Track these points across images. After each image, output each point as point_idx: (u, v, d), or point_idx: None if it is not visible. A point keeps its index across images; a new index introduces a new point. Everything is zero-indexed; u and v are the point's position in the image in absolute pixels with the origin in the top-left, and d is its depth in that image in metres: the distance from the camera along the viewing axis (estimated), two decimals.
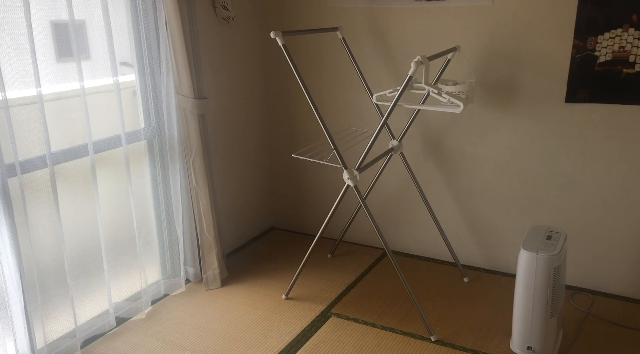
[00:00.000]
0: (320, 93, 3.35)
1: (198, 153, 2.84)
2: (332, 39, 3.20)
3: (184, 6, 2.61)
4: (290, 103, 3.52)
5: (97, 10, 2.38)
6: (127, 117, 2.61)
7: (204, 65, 2.96)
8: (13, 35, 2.09)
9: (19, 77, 2.11)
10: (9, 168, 2.07)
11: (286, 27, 3.35)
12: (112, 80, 2.50)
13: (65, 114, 2.37)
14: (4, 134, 2.04)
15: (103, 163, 2.56)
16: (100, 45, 2.45)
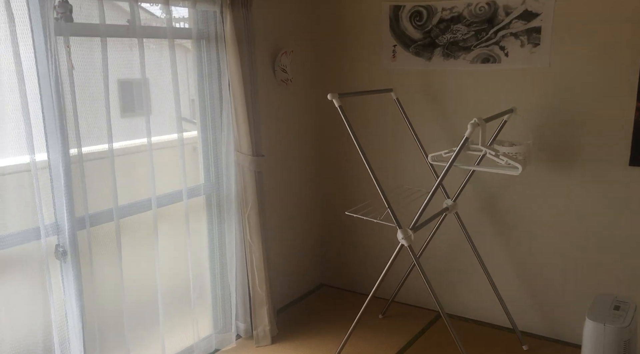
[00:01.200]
0: (374, 151, 3.39)
1: (253, 209, 2.91)
2: (386, 99, 3.27)
3: (246, 69, 2.75)
4: (343, 161, 3.58)
5: (166, 70, 2.54)
6: (188, 173, 2.72)
7: (262, 123, 3.08)
8: (90, 93, 2.26)
9: (92, 132, 2.26)
10: (79, 221, 2.18)
11: (341, 89, 3.46)
12: (173, 136, 2.63)
13: (129, 168, 2.50)
14: (78, 188, 2.17)
15: (164, 217, 2.65)
16: (163, 101, 2.59)
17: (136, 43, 2.36)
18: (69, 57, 2.09)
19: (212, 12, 2.71)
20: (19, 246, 2.04)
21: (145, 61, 2.38)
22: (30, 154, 1.99)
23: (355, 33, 3.35)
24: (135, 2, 2.33)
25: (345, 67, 3.44)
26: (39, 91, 2.10)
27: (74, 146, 2.15)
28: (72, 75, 2.12)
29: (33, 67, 2.07)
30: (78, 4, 2.10)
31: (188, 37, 2.72)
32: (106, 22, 2.20)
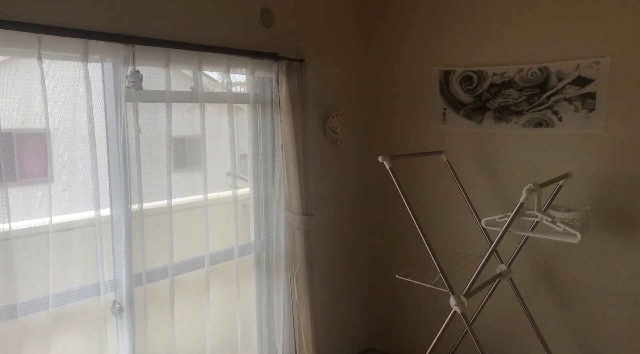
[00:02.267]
0: (424, 213, 3.36)
1: (302, 268, 2.91)
2: (436, 161, 3.27)
3: (298, 130, 2.84)
4: (392, 222, 3.57)
5: (223, 130, 2.66)
6: (239, 230, 2.77)
7: (312, 183, 3.13)
8: (152, 153, 2.38)
9: (152, 189, 2.36)
10: (136, 278, 2.25)
11: (391, 150, 3.50)
12: (225, 193, 2.71)
13: (185, 225, 2.57)
14: (137, 244, 2.25)
15: (215, 274, 2.69)
16: (216, 159, 2.68)
17: (197, 107, 2.49)
18: (136, 122, 2.23)
19: (268, 78, 2.84)
20: (78, 302, 2.11)
21: (206, 123, 2.50)
22: (96, 210, 2.10)
23: (405, 96, 3.42)
24: (199, 69, 2.48)
25: (394, 129, 3.50)
26: (107, 151, 2.24)
27: (135, 202, 2.26)
28: (139, 138, 2.25)
29: (103, 131, 2.22)
30: (148, 73, 2.25)
31: (245, 102, 2.85)
32: (172, 89, 2.35)
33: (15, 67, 1.91)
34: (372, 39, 3.54)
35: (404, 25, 3.38)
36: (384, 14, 3.47)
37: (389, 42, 3.46)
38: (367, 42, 3.55)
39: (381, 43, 3.50)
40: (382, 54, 3.50)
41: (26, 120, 1.97)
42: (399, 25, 3.41)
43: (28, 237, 1.99)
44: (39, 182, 2.15)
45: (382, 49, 3.50)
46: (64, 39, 1.95)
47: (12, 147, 1.94)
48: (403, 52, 3.40)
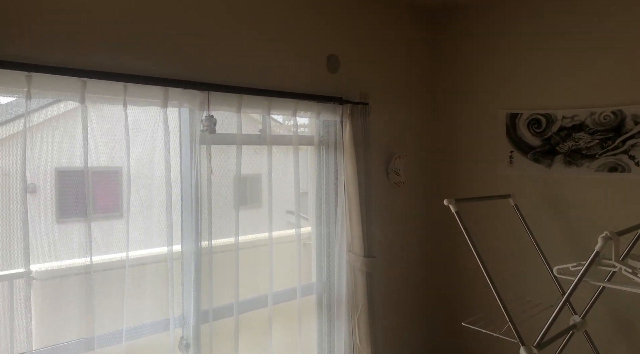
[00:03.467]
0: (490, 259, 3.26)
1: (364, 311, 2.88)
2: (503, 205, 3.19)
3: (361, 172, 2.87)
4: (457, 267, 3.48)
5: (288, 171, 2.72)
6: (301, 270, 2.79)
7: (374, 224, 3.12)
8: (222, 192, 2.47)
9: (220, 226, 2.44)
10: (203, 315, 2.30)
11: (455, 193, 3.45)
12: (286, 232, 2.75)
13: (249, 263, 2.62)
14: (205, 280, 2.31)
15: (278, 314, 2.71)
16: (278, 199, 2.70)
17: (264, 148, 2.58)
18: (209, 163, 2.34)
19: (332, 121, 2.91)
20: (148, 337, 2.18)
21: (273, 164, 2.58)
22: (169, 246, 2.20)
23: (469, 138, 3.39)
24: (267, 113, 2.58)
25: (459, 171, 3.45)
26: (180, 190, 2.35)
27: (205, 239, 2.34)
28: (210, 179, 2.35)
29: (178, 171, 2.34)
30: (220, 117, 2.37)
31: (310, 144, 2.92)
32: (242, 132, 2.45)
33: (103, 112, 2.07)
34: (436, 82, 3.56)
35: (469, 68, 3.39)
36: (449, 57, 3.49)
37: (454, 84, 3.47)
38: (432, 85, 3.58)
39: (446, 85, 3.51)
40: (447, 96, 3.51)
41: (110, 160, 2.12)
42: (464, 68, 3.42)
43: (106, 271, 2.10)
44: (115, 218, 2.29)
45: (447, 91, 3.51)
46: (146, 87, 2.10)
47: (97, 185, 2.08)
48: (468, 94, 3.39)
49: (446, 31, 3.50)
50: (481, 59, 3.32)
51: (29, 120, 1.80)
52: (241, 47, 2.51)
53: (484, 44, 3.30)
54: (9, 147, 1.86)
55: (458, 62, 3.44)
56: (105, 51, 2.04)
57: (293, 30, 2.74)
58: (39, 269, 2.02)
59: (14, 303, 2.23)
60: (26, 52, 1.83)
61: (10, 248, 1.93)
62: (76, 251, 2.03)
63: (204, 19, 2.36)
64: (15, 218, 1.87)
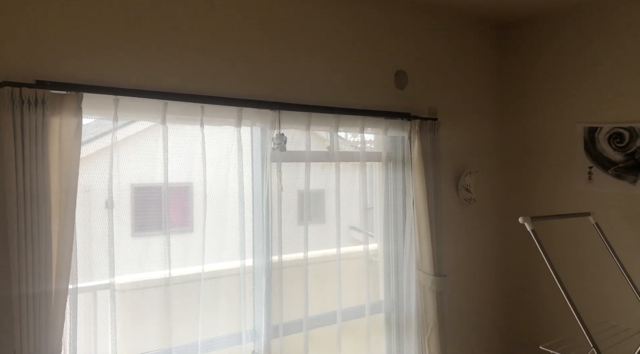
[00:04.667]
0: (571, 279, 3.08)
1: (434, 332, 2.81)
2: (582, 224, 3.02)
3: (430, 188, 2.82)
4: (534, 287, 3.32)
5: (355, 185, 2.73)
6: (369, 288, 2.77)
7: (444, 242, 3.05)
8: (291, 208, 2.51)
9: (289, 242, 2.48)
10: (274, 329, 2.34)
11: (529, 211, 3.31)
12: (353, 248, 2.74)
13: (317, 279, 2.63)
14: (276, 295, 2.34)
15: (346, 331, 2.70)
16: (344, 214, 2.69)
17: (332, 165, 2.61)
18: (279, 180, 2.39)
19: (400, 137, 2.89)
20: (221, 350, 2.24)
21: (340, 180, 2.60)
22: (241, 260, 2.26)
23: (544, 153, 3.26)
24: (335, 131, 2.61)
25: (534, 187, 3.32)
26: (252, 206, 2.42)
27: (275, 254, 2.38)
28: (280, 195, 2.40)
29: (250, 188, 2.41)
30: (290, 135, 2.43)
31: (378, 160, 2.91)
32: (311, 149, 2.49)
33: (181, 132, 2.17)
34: (507, 96, 3.46)
35: (542, 81, 3.27)
36: (520, 71, 3.39)
37: (527, 98, 3.36)
38: (502, 99, 3.48)
39: (517, 99, 3.41)
40: (520, 110, 3.40)
41: (189, 177, 2.22)
42: (537, 81, 3.30)
43: (183, 284, 2.19)
44: (186, 232, 2.38)
45: (520, 105, 3.40)
46: (222, 107, 2.19)
47: (171, 201, 2.17)
48: (543, 108, 3.27)
49: (516, 44, 3.41)
50: (555, 71, 3.19)
51: (115, 140, 1.92)
52: (310, 66, 2.56)
53: (557, 55, 3.18)
54: (90, 165, 1.98)
55: (530, 76, 3.33)
56: (185, 74, 2.15)
57: (361, 48, 2.77)
58: (119, 281, 2.13)
59: (97, 313, 2.36)
60: (113, 76, 1.96)
61: (91, 261, 2.05)
62: (152, 264, 2.13)
63: (275, 41, 2.44)
64: (96, 232, 1.99)
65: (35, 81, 1.76)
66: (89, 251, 2.04)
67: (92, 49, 1.93)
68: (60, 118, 1.75)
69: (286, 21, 2.48)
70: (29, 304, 1.65)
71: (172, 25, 2.12)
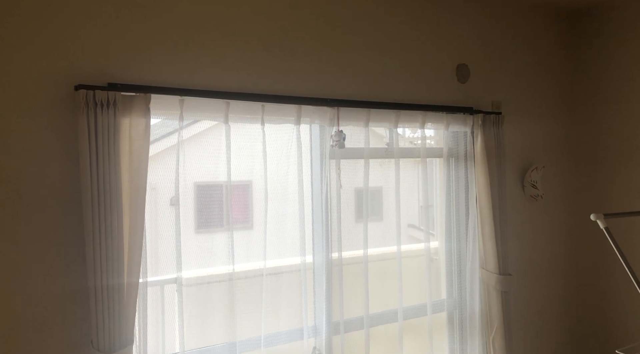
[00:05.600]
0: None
1: (499, 332, 2.72)
2: None
3: (494, 185, 2.73)
4: (608, 287, 3.14)
5: (415, 182, 2.69)
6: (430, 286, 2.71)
7: (509, 240, 2.95)
8: (350, 205, 2.50)
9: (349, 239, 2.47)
10: (335, 326, 2.34)
11: (601, 207, 3.13)
12: (413, 246, 2.69)
13: (377, 277, 2.61)
14: (336, 292, 2.35)
15: (407, 330, 2.66)
16: (402, 211, 2.65)
17: (391, 162, 2.58)
18: (338, 177, 2.39)
19: (462, 132, 2.82)
20: (283, 345, 2.27)
21: (400, 177, 2.56)
22: (301, 256, 2.28)
23: (619, 148, 3.07)
24: (395, 127, 2.57)
25: (605, 184, 3.14)
26: (311, 204, 2.43)
27: (335, 251, 2.38)
28: (339, 192, 2.40)
29: (309, 185, 2.42)
30: (349, 132, 2.42)
31: (439, 156, 2.85)
32: (370, 146, 2.47)
33: (243, 130, 2.21)
34: (577, 88, 3.29)
35: (617, 72, 3.08)
36: (591, 62, 3.21)
37: (600, 90, 3.18)
38: (574, 91, 3.31)
39: (591, 92, 3.23)
40: (593, 103, 3.22)
41: (250, 174, 2.26)
42: (611, 73, 3.12)
43: (245, 279, 2.23)
44: (246, 229, 2.42)
45: (593, 98, 3.22)
46: (282, 106, 2.22)
47: (232, 198, 2.22)
48: (617, 101, 3.08)
49: (588, 34, 3.23)
50: (632, 61, 3.00)
51: (181, 139, 1.99)
52: (369, 62, 2.54)
53: (633, 45, 2.99)
54: (155, 164, 2.05)
55: (603, 67, 3.15)
56: (246, 74, 2.19)
57: (421, 42, 2.71)
58: (185, 275, 2.19)
59: (164, 306, 2.45)
60: (179, 78, 2.03)
61: (157, 256, 2.12)
62: (215, 260, 2.18)
63: (333, 38, 2.44)
64: (161, 228, 2.06)
65: (107, 84, 1.85)
66: (155, 246, 2.11)
67: (159, 53, 2.00)
68: (130, 118, 1.83)
69: (344, 18, 2.47)
70: (103, 296, 1.74)
71: (232, 28, 2.17)
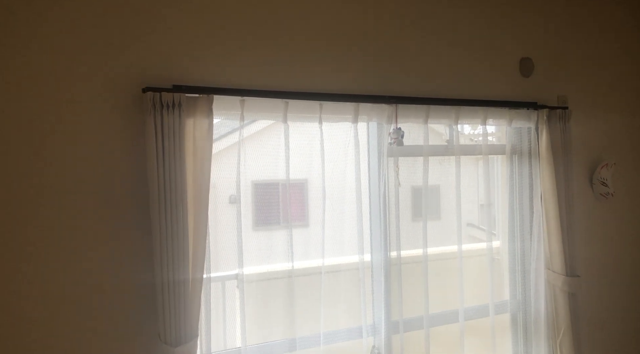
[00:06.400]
0: None
1: (566, 335, 2.61)
2: None
3: (561, 182, 2.62)
4: None
5: (475, 180, 2.62)
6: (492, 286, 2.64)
7: (577, 240, 2.81)
8: (408, 204, 2.47)
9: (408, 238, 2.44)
10: (394, 325, 2.32)
11: None
12: (471, 245, 2.62)
13: (437, 276, 2.56)
14: (395, 291, 2.33)
15: (469, 331, 2.60)
16: (462, 209, 2.58)
17: (451, 159, 2.53)
18: (396, 176, 2.36)
19: (526, 128, 2.72)
20: (342, 343, 2.27)
21: (461, 175, 2.51)
22: (360, 255, 2.28)
23: None
24: (455, 123, 2.52)
25: None
26: (369, 202, 2.42)
27: (393, 250, 2.36)
28: (398, 191, 2.37)
29: (367, 184, 2.41)
30: (408, 129, 2.39)
31: (501, 153, 2.77)
32: (429, 143, 2.43)
33: (301, 129, 2.23)
34: None
35: None
36: None
37: None
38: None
39: None
40: None
41: (307, 173, 2.28)
42: None
43: (304, 277, 2.25)
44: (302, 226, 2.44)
45: None
46: (339, 104, 2.22)
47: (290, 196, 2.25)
48: None
49: None
50: None
51: (242, 138, 2.03)
52: (428, 57, 2.50)
53: None
54: (216, 162, 2.10)
55: None
56: (304, 73, 2.21)
57: (482, 36, 2.64)
58: (245, 272, 2.24)
59: (225, 301, 2.52)
60: (239, 79, 2.08)
61: (217, 252, 2.18)
62: (273, 257, 2.21)
63: (392, 34, 2.41)
64: (221, 225, 2.11)
65: (172, 86, 1.92)
66: (215, 243, 2.17)
67: (221, 55, 2.05)
68: (194, 119, 1.89)
69: (400, 13, 2.44)
70: (169, 290, 1.81)
71: (289, 28, 2.19)
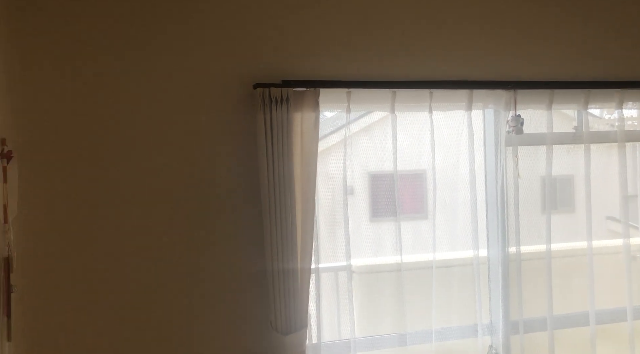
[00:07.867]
0: None
1: None
2: None
3: None
4: None
5: (611, 169, 2.37)
6: (632, 287, 2.36)
7: None
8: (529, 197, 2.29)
9: (529, 233, 2.27)
10: (513, 325, 2.18)
11: None
12: (607, 241, 2.40)
13: (563, 274, 2.35)
14: (514, 289, 2.18)
15: (602, 336, 2.36)
16: (596, 202, 2.34)
17: (580, 147, 2.30)
18: (516, 166, 2.20)
19: None
20: (456, 341, 2.19)
21: (591, 164, 2.28)
22: (474, 250, 2.17)
23: None
24: (584, 108, 2.29)
25: None
26: (485, 194, 2.29)
27: (512, 245, 2.22)
28: (517, 182, 2.21)
29: (482, 175, 2.28)
30: (528, 116, 2.21)
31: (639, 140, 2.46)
32: (553, 131, 2.24)
33: (410, 119, 2.17)
34: None
35: None
36: None
37: None
38: None
39: None
40: None
41: (417, 164, 2.22)
42: None
43: (415, 270, 2.19)
44: (420, 219, 2.37)
45: None
46: (451, 92, 2.12)
47: (404, 188, 2.20)
48: None
49: None
50: None
51: (349, 131, 2.03)
52: (551, 36, 2.29)
53: None
54: (332, 155, 2.14)
55: None
56: (412, 61, 2.14)
57: (615, 4, 2.35)
58: (357, 263, 2.24)
59: (339, 292, 2.55)
60: (345, 70, 2.07)
61: (334, 243, 2.20)
62: (387, 249, 2.19)
63: (507, 10, 2.24)
64: (338, 216, 2.13)
65: (281, 81, 1.97)
66: (333, 234, 2.20)
67: (327, 48, 2.06)
68: (302, 113, 1.93)
69: None
70: (280, 279, 1.86)
71: (395, 15, 2.13)
